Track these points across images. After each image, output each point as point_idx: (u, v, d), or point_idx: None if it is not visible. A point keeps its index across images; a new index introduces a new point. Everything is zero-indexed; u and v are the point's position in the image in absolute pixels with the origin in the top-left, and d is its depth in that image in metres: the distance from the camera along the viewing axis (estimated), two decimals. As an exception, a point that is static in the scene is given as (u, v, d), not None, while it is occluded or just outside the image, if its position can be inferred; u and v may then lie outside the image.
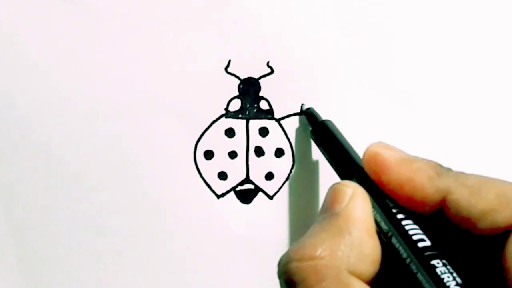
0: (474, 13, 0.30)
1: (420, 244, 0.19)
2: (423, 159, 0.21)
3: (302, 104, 0.29)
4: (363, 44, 0.30)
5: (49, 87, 0.28)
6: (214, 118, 0.29)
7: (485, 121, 0.31)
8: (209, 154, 0.29)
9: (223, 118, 0.29)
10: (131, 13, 0.28)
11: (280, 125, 0.29)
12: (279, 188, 0.29)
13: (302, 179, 0.29)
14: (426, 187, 0.20)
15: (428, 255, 0.19)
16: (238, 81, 0.29)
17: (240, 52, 0.29)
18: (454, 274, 0.18)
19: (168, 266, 0.29)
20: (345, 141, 0.26)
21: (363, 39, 0.30)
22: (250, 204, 0.29)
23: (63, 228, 0.28)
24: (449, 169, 0.21)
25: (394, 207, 0.21)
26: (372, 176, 0.21)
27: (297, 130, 0.29)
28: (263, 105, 0.29)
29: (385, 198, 0.21)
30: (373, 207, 0.21)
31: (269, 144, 0.29)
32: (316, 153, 0.29)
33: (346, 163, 0.24)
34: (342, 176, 0.25)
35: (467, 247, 0.20)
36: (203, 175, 0.29)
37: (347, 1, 0.30)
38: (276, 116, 0.29)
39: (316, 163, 0.29)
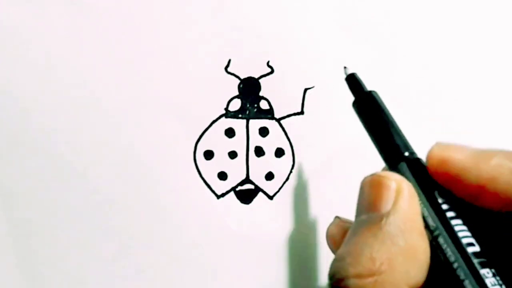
0: (474, 13, 0.30)
1: (470, 249, 0.18)
2: (500, 151, 0.19)
3: (345, 68, 0.25)
4: (363, 44, 0.30)
5: (49, 87, 0.28)
6: (214, 118, 0.29)
7: (485, 121, 0.31)
8: (209, 154, 0.29)
9: (223, 118, 0.29)
10: (131, 13, 0.28)
11: (280, 125, 0.29)
12: (279, 188, 0.29)
13: (302, 179, 0.29)
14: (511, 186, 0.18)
15: (479, 262, 0.18)
16: (238, 81, 0.29)
17: (240, 51, 0.29)
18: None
19: (168, 266, 0.29)
20: (393, 119, 0.23)
21: (363, 39, 0.30)
22: (250, 204, 0.29)
23: (63, 228, 0.28)
24: None
25: (445, 203, 0.19)
26: (446, 184, 0.19)
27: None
28: (263, 105, 0.29)
29: (434, 189, 0.19)
30: (420, 199, 0.19)
31: (269, 144, 0.29)
32: (316, 153, 0.29)
33: (394, 145, 0.22)
34: (388, 160, 0.22)
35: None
36: (203, 175, 0.29)
37: (347, 1, 0.30)
38: (276, 116, 0.29)
39: (316, 163, 0.29)
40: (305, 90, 0.29)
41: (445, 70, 0.30)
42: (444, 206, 0.19)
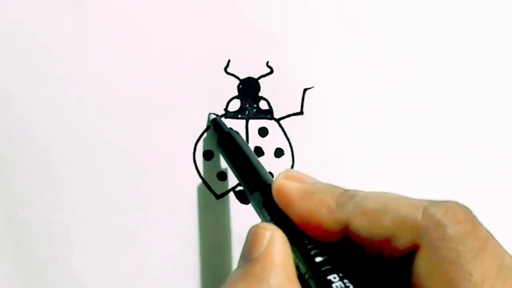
0: (474, 13, 0.30)
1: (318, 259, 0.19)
2: (327, 188, 0.21)
3: (209, 114, 0.29)
4: (363, 44, 0.30)
5: (49, 87, 0.28)
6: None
7: (485, 120, 0.31)
8: (208, 154, 0.29)
9: (223, 118, 0.29)
10: (131, 13, 0.28)
11: (280, 125, 0.29)
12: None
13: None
14: (327, 219, 0.20)
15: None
16: (238, 81, 0.29)
17: (239, 52, 0.29)
18: None
19: (168, 266, 0.29)
20: (252, 155, 0.26)
21: (363, 39, 0.30)
22: (250, 205, 0.29)
23: (63, 228, 0.28)
24: (353, 195, 0.20)
25: (309, 244, 0.20)
26: (283, 210, 0.21)
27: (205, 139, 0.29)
28: (263, 105, 0.29)
29: (301, 235, 0.20)
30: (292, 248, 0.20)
31: (268, 144, 0.29)
32: (315, 153, 0.29)
33: (255, 181, 0.24)
34: (250, 191, 0.24)
35: (379, 269, 0.20)
36: (203, 175, 0.29)
37: (347, 1, 0.30)
38: (276, 116, 0.29)
39: (315, 164, 0.29)
40: (305, 90, 0.29)
41: (445, 70, 0.30)
42: (312, 249, 0.20)
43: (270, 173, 0.29)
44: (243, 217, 0.29)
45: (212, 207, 0.29)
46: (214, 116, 0.28)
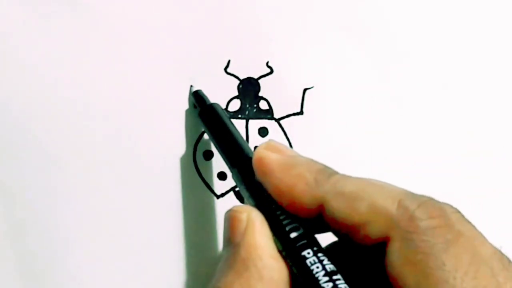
0: (474, 13, 0.30)
1: (293, 235, 0.19)
2: (306, 162, 0.21)
3: (191, 86, 0.28)
4: (363, 44, 0.30)
5: (49, 87, 0.28)
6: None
7: (485, 120, 0.31)
8: (208, 154, 0.29)
9: (223, 119, 0.29)
10: (130, 13, 0.28)
11: (280, 125, 0.29)
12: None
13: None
14: (304, 195, 0.20)
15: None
16: (238, 81, 0.29)
17: (239, 52, 0.29)
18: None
19: (168, 266, 0.29)
20: (234, 128, 0.25)
21: (363, 39, 0.30)
22: (250, 204, 0.29)
23: (63, 228, 0.28)
24: (332, 174, 0.20)
25: (285, 219, 0.20)
26: (261, 180, 0.21)
27: (187, 111, 0.29)
28: (263, 105, 0.29)
29: (275, 210, 0.20)
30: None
31: (268, 144, 0.29)
32: (315, 154, 0.29)
33: (235, 155, 0.24)
34: (232, 165, 0.24)
35: (351, 250, 0.20)
36: (203, 175, 0.29)
37: (347, 1, 0.30)
38: (276, 116, 0.29)
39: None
40: (305, 90, 0.29)
41: (445, 70, 0.30)
42: (287, 226, 0.20)
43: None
44: (243, 217, 0.29)
45: (212, 207, 0.29)
46: (196, 89, 0.28)
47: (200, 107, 0.27)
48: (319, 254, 0.19)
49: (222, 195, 0.29)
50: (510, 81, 0.31)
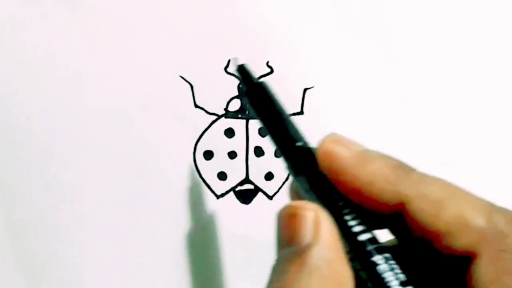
0: (474, 13, 0.30)
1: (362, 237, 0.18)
2: (383, 157, 0.19)
3: (234, 59, 0.23)
4: (363, 44, 0.30)
5: (49, 87, 0.28)
6: (214, 118, 0.29)
7: (485, 120, 0.31)
8: (208, 154, 0.29)
9: (223, 118, 0.29)
10: (130, 13, 0.28)
11: (280, 125, 0.29)
12: (279, 188, 0.29)
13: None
14: (385, 192, 0.18)
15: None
16: (238, 81, 0.29)
17: (239, 52, 0.29)
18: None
19: (167, 266, 0.29)
20: (283, 110, 0.22)
21: (363, 39, 0.30)
22: (250, 204, 0.29)
23: (63, 228, 0.28)
24: (411, 171, 0.19)
25: (350, 213, 0.19)
26: (328, 176, 0.19)
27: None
28: (263, 105, 0.29)
29: (336, 201, 0.19)
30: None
31: (269, 144, 0.29)
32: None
33: (289, 144, 0.21)
34: (286, 156, 0.22)
35: (426, 251, 0.19)
36: (203, 175, 0.29)
37: (347, 1, 0.30)
38: (276, 116, 0.29)
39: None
40: (305, 90, 0.29)
41: (445, 70, 0.30)
42: (341, 204, 0.19)
43: (270, 173, 0.29)
44: (243, 217, 0.29)
45: (212, 207, 0.29)
46: (240, 63, 0.23)
47: (247, 85, 0.23)
48: (391, 262, 0.18)
49: (222, 195, 0.29)
50: (510, 81, 0.31)
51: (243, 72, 0.23)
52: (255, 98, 0.22)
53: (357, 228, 0.18)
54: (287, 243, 0.18)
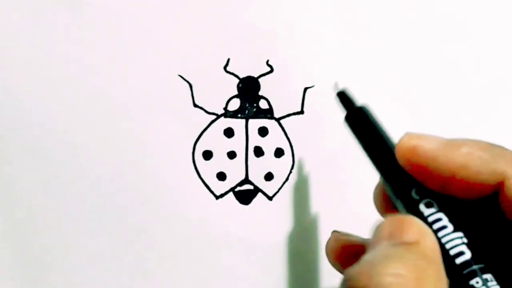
0: (474, 13, 0.30)
1: (459, 260, 0.18)
2: (472, 141, 0.19)
3: (336, 83, 0.25)
4: (363, 43, 0.30)
5: (49, 87, 0.28)
6: (213, 118, 0.29)
7: (485, 121, 0.30)
8: (208, 154, 0.29)
9: (222, 118, 0.29)
10: (130, 13, 0.28)
11: (280, 124, 0.29)
12: (279, 189, 0.29)
13: (302, 179, 0.29)
14: (482, 172, 0.18)
15: (467, 273, 0.18)
16: (237, 80, 0.29)
17: (239, 50, 0.29)
18: None
19: (167, 267, 0.29)
20: (385, 132, 0.23)
21: (363, 38, 0.30)
22: (249, 205, 0.29)
23: (62, 228, 0.29)
24: (505, 149, 0.19)
25: (430, 208, 0.19)
26: (415, 173, 0.19)
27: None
28: (263, 104, 0.29)
29: (418, 202, 0.19)
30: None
31: (268, 144, 0.29)
32: (315, 153, 0.29)
33: (388, 159, 0.21)
34: (383, 174, 0.22)
35: None
36: (202, 176, 0.29)
37: (347, 1, 0.29)
38: (276, 115, 0.29)
39: (316, 163, 0.29)
40: (305, 89, 0.29)
41: (446, 70, 0.30)
42: (429, 214, 0.19)
43: (270, 173, 0.29)
44: (242, 217, 0.29)
45: (211, 208, 0.29)
46: (340, 88, 0.24)
47: (347, 110, 0.24)
48: (490, 284, 0.18)
49: (221, 195, 0.29)
50: (510, 81, 0.31)
51: (342, 97, 0.24)
52: (355, 124, 0.23)
53: (453, 250, 0.18)
54: (396, 238, 0.17)
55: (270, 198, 0.29)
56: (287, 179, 0.29)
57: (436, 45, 0.30)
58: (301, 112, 0.29)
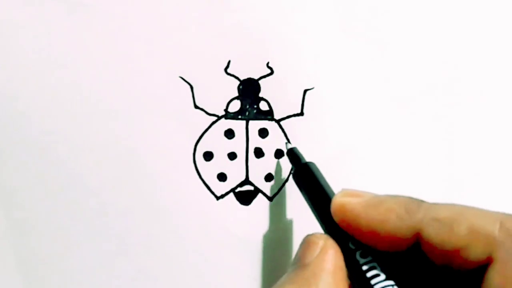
0: (474, 13, 0.30)
1: None
2: (393, 197, 0.21)
3: (286, 143, 0.29)
4: (363, 44, 0.30)
5: (49, 87, 0.28)
6: (214, 119, 0.29)
7: (485, 121, 0.31)
8: (208, 155, 0.29)
9: (223, 119, 0.29)
10: (131, 14, 0.28)
11: (280, 126, 0.29)
12: (279, 190, 0.29)
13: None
14: (397, 227, 0.20)
15: None
16: (238, 82, 0.29)
17: (239, 52, 0.29)
18: None
19: (167, 267, 0.29)
20: (327, 187, 0.25)
21: (363, 39, 0.30)
22: (250, 206, 0.29)
23: (63, 229, 0.28)
24: (420, 203, 0.20)
25: (365, 258, 0.21)
26: (342, 226, 0.21)
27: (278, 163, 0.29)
28: (263, 106, 0.29)
29: (355, 251, 0.21)
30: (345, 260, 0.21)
31: (268, 145, 0.29)
32: (315, 153, 0.29)
33: (325, 212, 0.23)
34: (322, 221, 0.24)
35: (447, 281, 0.20)
36: (203, 177, 0.29)
37: (347, 2, 0.29)
38: (276, 117, 0.29)
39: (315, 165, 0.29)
40: (305, 91, 0.29)
41: (445, 70, 0.30)
42: (364, 261, 0.21)
43: (270, 174, 0.29)
44: (243, 218, 0.29)
45: (212, 208, 0.29)
46: (290, 146, 0.28)
47: (295, 166, 0.27)
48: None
49: (222, 196, 0.29)
50: (510, 81, 0.31)
51: (292, 154, 0.27)
52: (300, 178, 0.26)
53: (366, 266, 0.20)
54: (295, 261, 0.21)
55: (270, 199, 0.29)
56: (287, 179, 0.29)
57: (436, 45, 0.30)
58: (301, 113, 0.29)
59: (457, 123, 0.30)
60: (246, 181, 0.29)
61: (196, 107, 0.29)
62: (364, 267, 0.20)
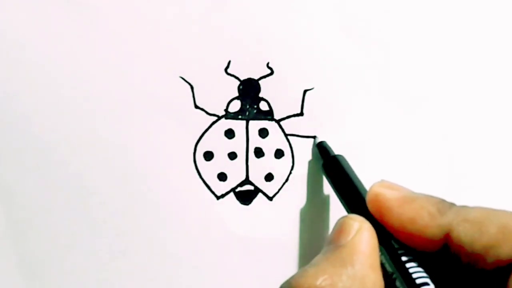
0: (474, 13, 0.30)
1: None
2: (426, 196, 0.21)
3: (315, 137, 0.29)
4: (364, 44, 0.30)
5: (49, 87, 0.28)
6: (214, 119, 0.29)
7: (485, 121, 0.31)
8: (208, 155, 0.29)
9: (223, 119, 0.29)
10: (131, 13, 0.28)
11: (280, 126, 0.29)
12: (279, 189, 0.29)
13: (302, 180, 0.29)
14: (429, 225, 0.20)
15: None
16: (238, 82, 0.29)
17: (239, 52, 0.29)
18: None
19: (168, 267, 0.29)
20: (356, 178, 0.26)
21: (364, 39, 0.30)
22: (250, 205, 0.29)
23: (63, 229, 0.28)
24: (452, 204, 0.21)
25: (399, 248, 0.21)
26: (376, 216, 0.22)
27: (310, 162, 0.29)
28: (263, 106, 0.29)
29: (390, 238, 0.21)
30: (380, 247, 0.21)
31: (268, 145, 0.29)
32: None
33: (355, 201, 0.24)
34: (352, 210, 0.24)
35: (473, 282, 0.20)
36: (203, 176, 0.29)
37: (347, 2, 0.30)
38: (276, 117, 0.29)
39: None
40: (305, 91, 0.29)
41: (446, 70, 0.30)
42: (400, 251, 0.21)
43: (270, 174, 0.29)
44: (243, 218, 0.29)
45: (211, 208, 0.29)
46: (319, 140, 0.29)
47: (324, 158, 0.28)
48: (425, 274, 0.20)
49: (222, 196, 0.29)
50: (510, 81, 0.31)
51: (321, 148, 0.28)
52: (329, 170, 0.27)
53: (417, 275, 0.20)
54: (329, 242, 0.21)
55: (270, 198, 0.29)
56: (287, 179, 0.29)
57: (436, 45, 0.30)
58: (301, 114, 0.29)
59: (457, 123, 0.30)
60: (246, 181, 0.29)
61: (196, 107, 0.29)
62: (400, 251, 0.20)
